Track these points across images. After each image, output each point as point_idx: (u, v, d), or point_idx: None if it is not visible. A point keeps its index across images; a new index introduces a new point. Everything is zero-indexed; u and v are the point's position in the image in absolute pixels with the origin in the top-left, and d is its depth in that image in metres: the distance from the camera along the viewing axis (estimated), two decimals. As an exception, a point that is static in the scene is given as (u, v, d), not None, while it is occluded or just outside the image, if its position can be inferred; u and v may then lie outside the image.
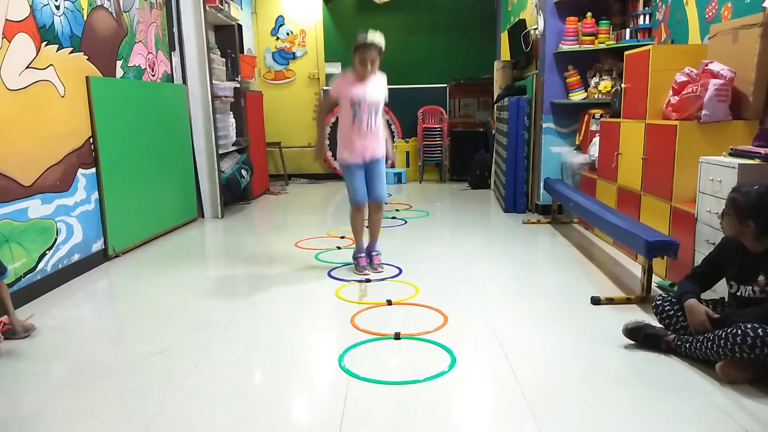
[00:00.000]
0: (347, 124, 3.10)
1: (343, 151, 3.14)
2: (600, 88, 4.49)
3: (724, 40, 2.99)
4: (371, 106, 3.07)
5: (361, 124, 3.07)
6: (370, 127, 3.10)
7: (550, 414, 1.76)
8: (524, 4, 5.69)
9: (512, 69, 6.01)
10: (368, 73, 3.03)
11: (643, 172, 3.35)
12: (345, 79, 3.09)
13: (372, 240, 3.38)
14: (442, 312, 2.61)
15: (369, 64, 3.00)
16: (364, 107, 3.05)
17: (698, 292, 2.17)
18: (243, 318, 2.63)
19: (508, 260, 3.56)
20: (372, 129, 3.11)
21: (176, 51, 4.74)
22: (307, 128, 7.66)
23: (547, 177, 4.71)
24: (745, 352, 1.85)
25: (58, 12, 3.16)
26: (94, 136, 3.49)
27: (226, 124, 5.43)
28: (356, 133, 3.08)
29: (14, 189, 2.79)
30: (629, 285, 2.98)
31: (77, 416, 1.81)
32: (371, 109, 3.07)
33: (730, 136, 2.85)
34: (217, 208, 5.01)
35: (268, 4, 7.42)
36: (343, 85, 3.08)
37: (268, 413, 1.80)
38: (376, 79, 3.11)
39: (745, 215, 2.00)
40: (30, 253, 2.90)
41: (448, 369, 2.06)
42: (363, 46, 2.99)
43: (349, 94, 3.05)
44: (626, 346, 2.21)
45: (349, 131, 3.10)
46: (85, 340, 2.43)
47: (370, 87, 3.07)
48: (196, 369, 2.10)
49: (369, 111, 3.07)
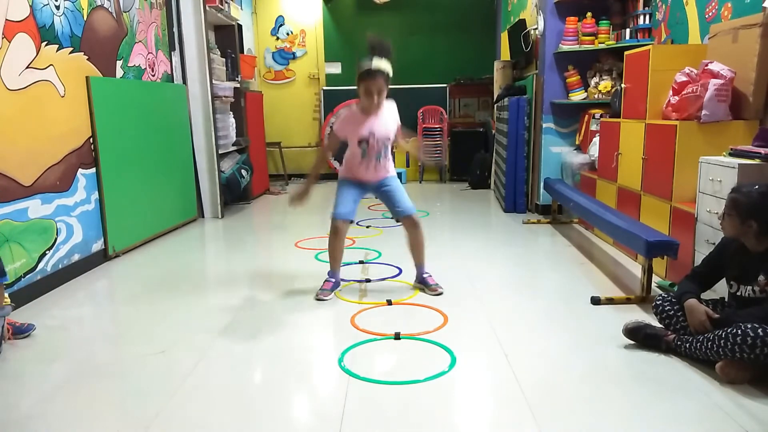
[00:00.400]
0: (354, 159, 2.82)
1: (346, 172, 2.90)
2: (600, 88, 4.49)
3: (724, 40, 2.99)
4: (381, 142, 2.78)
5: (369, 161, 2.80)
6: (380, 161, 2.83)
7: (550, 414, 1.76)
8: (524, 4, 5.69)
9: (512, 69, 6.01)
10: (375, 106, 2.71)
11: (643, 172, 3.35)
12: (350, 117, 2.80)
13: (416, 262, 3.00)
14: (442, 312, 2.61)
15: (375, 96, 2.67)
16: (372, 145, 2.76)
17: (698, 292, 2.17)
18: (243, 318, 2.63)
19: (508, 260, 3.56)
20: (381, 163, 2.84)
21: (176, 51, 4.74)
22: (307, 128, 7.67)
23: (547, 177, 4.71)
24: (745, 352, 1.85)
25: (58, 12, 3.16)
26: (94, 136, 3.49)
27: (226, 124, 5.43)
28: (364, 168, 2.82)
29: (14, 189, 2.79)
30: (629, 285, 2.98)
31: (77, 416, 1.81)
32: (381, 147, 2.79)
33: (730, 136, 2.85)
34: (217, 208, 5.01)
35: (268, 4, 7.43)
36: (349, 124, 2.78)
37: (268, 413, 1.80)
38: (384, 110, 2.79)
39: (747, 215, 2.00)
40: (30, 253, 2.90)
41: (448, 369, 2.06)
42: (367, 75, 2.65)
43: (355, 133, 2.75)
44: (626, 346, 2.21)
45: (356, 165, 2.83)
46: (85, 340, 2.43)
47: (379, 121, 2.76)
48: (196, 369, 2.10)
49: (378, 150, 2.78)
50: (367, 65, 2.64)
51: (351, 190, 2.86)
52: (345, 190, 2.87)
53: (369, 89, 2.67)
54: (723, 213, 2.11)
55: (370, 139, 2.74)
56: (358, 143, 2.76)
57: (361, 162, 2.80)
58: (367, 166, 2.81)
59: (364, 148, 2.76)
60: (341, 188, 2.88)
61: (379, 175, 2.86)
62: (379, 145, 2.77)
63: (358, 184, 2.87)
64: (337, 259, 2.94)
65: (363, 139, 2.74)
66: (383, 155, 2.82)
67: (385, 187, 2.88)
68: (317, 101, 7.59)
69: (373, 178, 2.86)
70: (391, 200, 2.88)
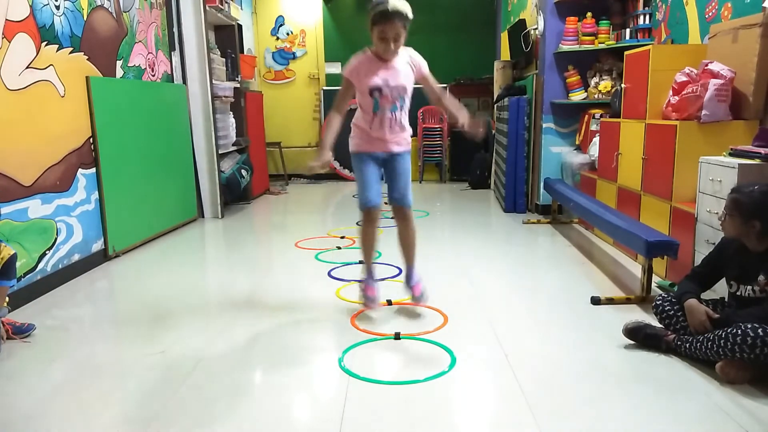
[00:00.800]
0: (365, 116, 2.46)
1: (356, 139, 2.52)
2: (600, 88, 4.49)
3: (724, 40, 2.99)
4: (396, 95, 2.40)
5: (383, 117, 2.42)
6: (396, 121, 2.45)
7: (550, 414, 1.76)
8: (524, 4, 5.69)
9: (512, 69, 6.01)
10: (391, 53, 2.35)
11: (643, 172, 3.35)
12: (362, 60, 2.41)
13: (406, 263, 2.68)
14: (442, 312, 2.61)
15: (392, 42, 2.29)
16: (386, 97, 2.38)
17: (698, 292, 2.17)
18: (243, 318, 2.63)
19: (508, 260, 3.56)
20: (397, 123, 2.46)
21: (176, 51, 4.74)
22: (307, 128, 7.66)
23: (547, 177, 4.72)
24: (745, 352, 1.85)
25: (58, 12, 3.16)
26: (94, 136, 3.49)
27: (226, 124, 5.43)
28: (376, 127, 2.44)
29: (14, 189, 2.79)
30: (629, 285, 2.98)
31: (77, 416, 1.81)
32: (396, 98, 2.41)
33: (730, 136, 2.85)
34: (217, 208, 5.01)
35: (268, 4, 7.43)
36: (360, 68, 2.39)
37: (268, 413, 1.80)
38: (401, 58, 2.43)
39: (750, 215, 2.00)
40: (30, 253, 2.90)
41: (448, 369, 2.06)
42: (382, 18, 2.25)
43: (366, 80, 2.37)
44: (626, 346, 2.21)
45: (367, 124, 2.46)
46: (85, 340, 2.43)
47: (394, 70, 2.40)
48: (196, 369, 2.10)
49: (393, 101, 2.41)
50: (383, 5, 2.23)
51: (370, 167, 2.49)
52: (364, 169, 2.49)
53: (384, 34, 2.28)
54: (724, 214, 2.11)
55: (384, 88, 2.37)
56: (369, 92, 2.38)
57: (373, 118, 2.42)
58: (381, 123, 2.43)
59: (377, 98, 2.38)
60: (359, 167, 2.51)
61: (393, 140, 2.48)
62: (393, 96, 2.40)
63: (370, 157, 2.50)
64: (370, 251, 2.63)
65: (375, 88, 2.37)
66: (399, 108, 2.44)
67: (395, 162, 2.51)
68: (317, 101, 7.59)
69: (387, 141, 2.47)
70: (393, 180, 2.54)
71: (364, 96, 2.42)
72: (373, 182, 2.47)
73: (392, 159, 2.51)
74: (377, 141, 2.47)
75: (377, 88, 2.37)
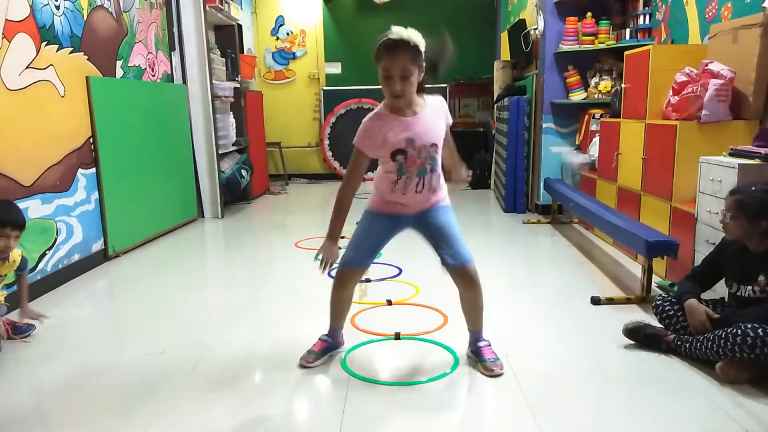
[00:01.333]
0: (389, 179, 1.98)
1: (376, 198, 2.06)
2: (600, 88, 4.49)
3: (724, 40, 2.99)
4: (425, 156, 1.93)
5: (410, 181, 1.95)
6: (424, 185, 1.97)
7: (550, 414, 1.76)
8: (524, 4, 5.69)
9: (512, 69, 6.01)
10: (402, 97, 1.86)
11: (643, 172, 3.35)
12: (374, 121, 1.92)
13: (471, 327, 2.16)
14: (442, 312, 2.61)
15: (398, 80, 1.81)
16: (412, 159, 1.92)
17: (698, 292, 2.17)
18: (243, 318, 2.63)
19: (508, 260, 3.56)
20: (428, 183, 1.98)
21: (176, 51, 4.74)
22: (307, 128, 7.66)
23: (547, 177, 4.72)
24: (745, 352, 1.85)
25: (58, 12, 3.16)
26: (94, 136, 3.49)
27: (226, 124, 5.43)
28: (400, 191, 1.98)
29: (14, 189, 2.79)
30: (629, 285, 2.98)
31: (77, 416, 1.81)
32: (426, 160, 1.94)
33: (730, 136, 2.85)
34: (217, 208, 5.01)
35: (268, 4, 7.42)
36: (374, 130, 1.91)
37: (268, 413, 1.80)
38: (426, 106, 1.95)
39: (756, 216, 1.99)
40: (30, 253, 2.90)
41: (451, 370, 2.06)
42: (384, 51, 1.81)
43: (387, 144, 1.91)
44: (626, 346, 2.21)
45: (390, 188, 1.98)
46: (85, 340, 2.43)
47: (420, 125, 1.92)
48: (196, 369, 2.10)
49: (422, 164, 1.93)
50: (385, 36, 1.83)
51: (374, 232, 2.06)
52: (366, 231, 2.07)
53: (388, 71, 1.82)
54: (725, 215, 2.09)
55: (408, 149, 1.91)
56: (391, 156, 1.92)
57: (397, 183, 1.96)
58: (406, 188, 1.96)
59: (401, 162, 1.92)
60: (362, 225, 2.08)
61: (425, 202, 2.02)
62: (422, 157, 1.93)
63: (391, 221, 2.05)
64: (339, 314, 2.18)
65: (398, 150, 1.91)
66: (429, 170, 1.96)
67: (433, 218, 2.02)
68: (317, 101, 7.59)
69: (416, 205, 2.02)
70: (439, 239, 2.01)
71: (385, 162, 1.97)
72: (365, 246, 2.06)
73: (426, 215, 2.03)
74: (401, 206, 2.03)
75: (400, 151, 1.91)
